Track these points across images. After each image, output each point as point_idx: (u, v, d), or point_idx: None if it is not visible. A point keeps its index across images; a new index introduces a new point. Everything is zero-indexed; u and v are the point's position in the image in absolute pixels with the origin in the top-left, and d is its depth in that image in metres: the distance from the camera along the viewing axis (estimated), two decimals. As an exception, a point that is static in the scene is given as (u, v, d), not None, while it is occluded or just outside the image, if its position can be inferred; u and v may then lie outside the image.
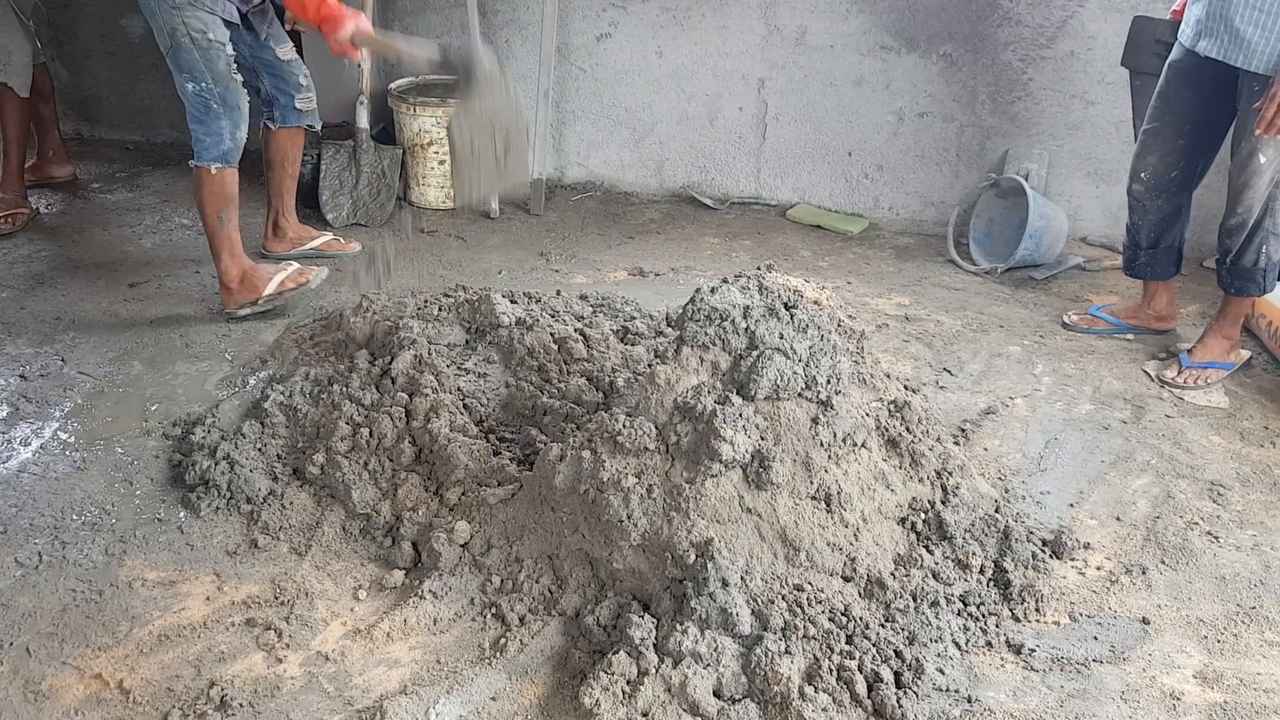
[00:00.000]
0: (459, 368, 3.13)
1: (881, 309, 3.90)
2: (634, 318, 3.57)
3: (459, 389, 2.99)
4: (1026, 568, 2.45)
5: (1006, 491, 2.79)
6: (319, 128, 3.98)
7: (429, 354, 3.08)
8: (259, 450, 2.80)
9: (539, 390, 3.01)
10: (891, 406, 2.64)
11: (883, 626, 2.20)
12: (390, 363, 3.04)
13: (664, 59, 4.84)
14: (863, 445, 2.45)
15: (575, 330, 3.33)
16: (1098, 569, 2.52)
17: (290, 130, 3.91)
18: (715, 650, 2.08)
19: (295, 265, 3.68)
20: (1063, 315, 3.82)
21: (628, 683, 2.05)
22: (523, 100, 3.04)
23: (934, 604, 2.28)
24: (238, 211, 3.59)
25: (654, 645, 2.11)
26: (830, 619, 2.19)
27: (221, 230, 3.55)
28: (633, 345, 3.32)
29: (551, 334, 3.26)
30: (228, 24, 3.39)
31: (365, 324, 3.28)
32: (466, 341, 3.33)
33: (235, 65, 3.40)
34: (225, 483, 2.68)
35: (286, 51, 3.72)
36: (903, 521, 2.47)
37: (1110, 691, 2.15)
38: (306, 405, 2.92)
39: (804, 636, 2.13)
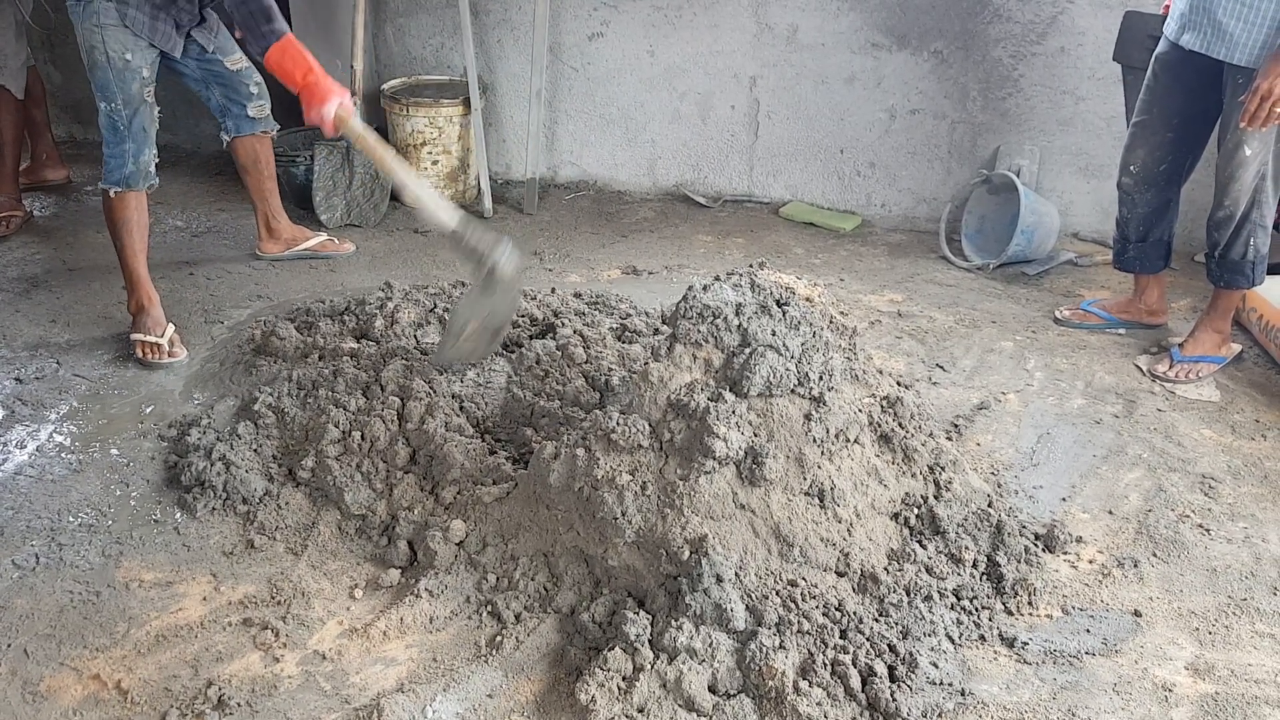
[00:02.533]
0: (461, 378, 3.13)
1: (874, 305, 3.91)
2: (629, 315, 3.58)
3: (453, 394, 2.99)
4: (1019, 562, 2.46)
5: (999, 486, 2.80)
6: (274, 133, 3.91)
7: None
8: (254, 451, 2.80)
9: (537, 394, 3.01)
10: (884, 402, 2.66)
11: (876, 621, 2.21)
12: (380, 371, 3.06)
13: (656, 58, 4.85)
14: (855, 441, 2.46)
15: (574, 331, 3.34)
16: (1090, 562, 2.53)
17: (250, 137, 3.86)
18: (710, 646, 2.10)
19: (170, 327, 3.47)
20: (1055, 310, 3.84)
21: (623, 679, 2.06)
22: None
23: (927, 598, 2.29)
24: (145, 239, 3.50)
25: (649, 641, 2.13)
26: (824, 614, 2.20)
27: (124, 253, 3.47)
28: (630, 344, 3.33)
29: (555, 340, 3.28)
30: (161, 50, 3.34)
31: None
32: None
33: (151, 90, 3.33)
34: (221, 484, 2.69)
35: (235, 61, 3.64)
36: (896, 517, 2.48)
37: (1102, 683, 2.16)
38: (294, 408, 2.92)
39: (798, 631, 2.14)
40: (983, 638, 2.28)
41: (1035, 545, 2.54)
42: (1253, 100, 2.96)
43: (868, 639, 2.16)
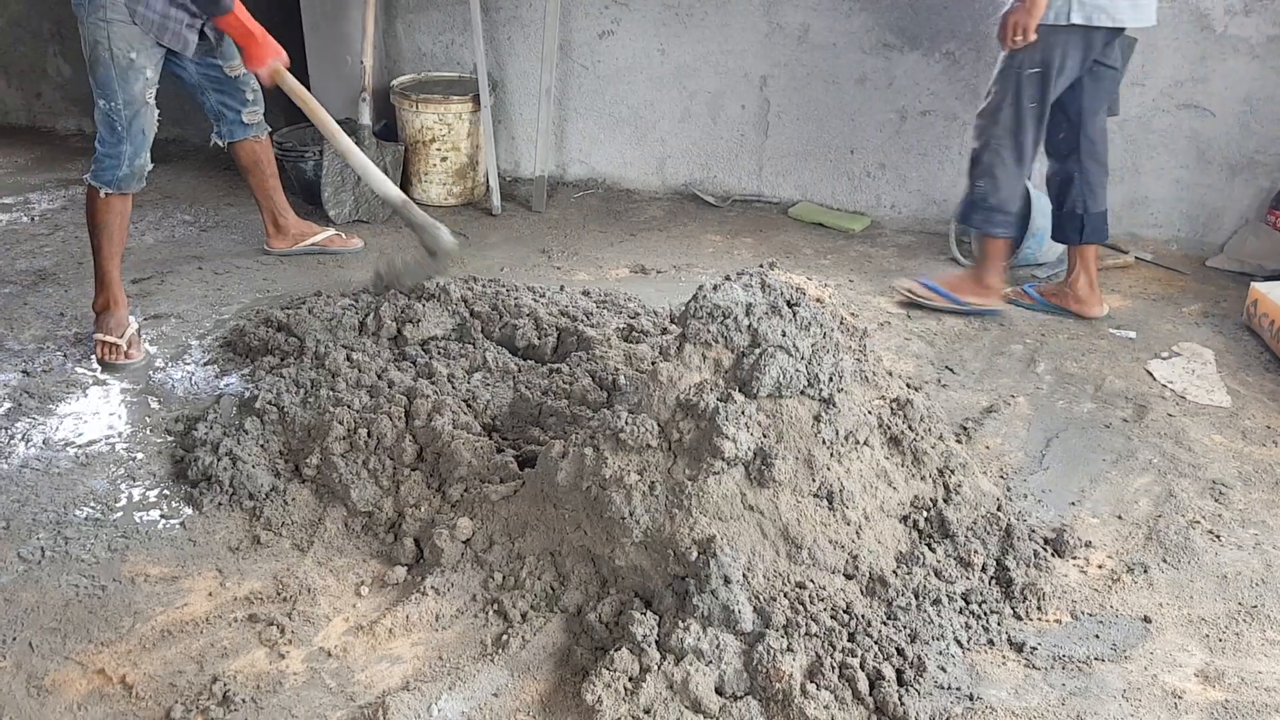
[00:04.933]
0: (468, 373, 3.12)
1: (884, 307, 3.90)
2: (638, 314, 3.57)
3: (459, 389, 2.99)
4: (1028, 566, 2.45)
5: (1008, 490, 2.79)
6: (264, 137, 3.89)
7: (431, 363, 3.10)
8: (261, 446, 2.80)
9: (545, 393, 3.01)
10: (894, 404, 2.65)
11: (884, 624, 2.20)
12: (383, 369, 3.06)
13: (666, 56, 4.84)
14: (865, 443, 2.45)
15: (578, 329, 3.34)
16: (1099, 567, 2.52)
17: (246, 141, 3.84)
18: (717, 647, 2.09)
19: (130, 329, 3.44)
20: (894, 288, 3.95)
21: (630, 679, 2.06)
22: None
23: (936, 602, 2.28)
24: (123, 242, 3.46)
25: (656, 642, 2.12)
26: (832, 616, 2.19)
27: (100, 254, 3.43)
28: (637, 343, 3.32)
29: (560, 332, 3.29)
30: (168, 49, 3.32)
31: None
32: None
33: (153, 91, 3.30)
34: (228, 479, 2.68)
35: (234, 67, 3.62)
36: (905, 519, 2.47)
37: (1112, 690, 2.15)
38: (295, 407, 2.91)
39: (806, 634, 2.13)
40: (991, 642, 2.26)
41: (1044, 550, 2.52)
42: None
43: (876, 642, 2.14)
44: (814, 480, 2.33)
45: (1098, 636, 2.30)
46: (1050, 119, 3.53)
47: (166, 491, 2.74)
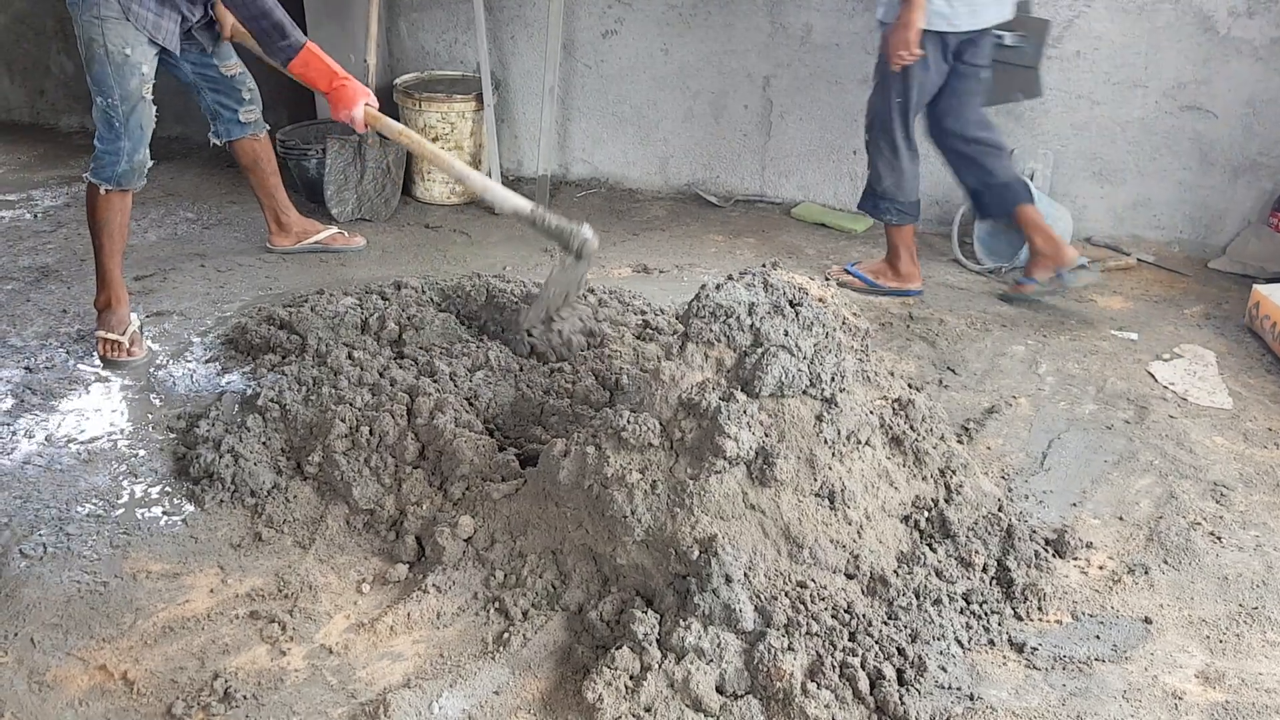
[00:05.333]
0: (470, 371, 3.12)
1: (886, 307, 3.90)
2: (644, 313, 3.57)
3: (461, 387, 2.99)
4: (1029, 566, 2.45)
5: (1009, 490, 2.79)
6: (264, 134, 3.89)
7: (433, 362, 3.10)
8: (263, 444, 2.80)
9: (547, 392, 3.01)
10: (895, 404, 2.65)
11: (885, 624, 2.20)
12: (385, 367, 3.06)
13: (669, 56, 4.84)
14: (866, 443, 2.45)
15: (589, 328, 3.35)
16: (1100, 568, 2.52)
17: (244, 140, 3.84)
18: (718, 646, 2.09)
19: (132, 326, 3.44)
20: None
21: (631, 678, 2.06)
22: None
23: (937, 602, 2.28)
24: (124, 239, 3.46)
25: (657, 641, 2.12)
26: (833, 616, 2.19)
27: (101, 251, 3.42)
28: (648, 341, 3.32)
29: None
30: (161, 46, 3.30)
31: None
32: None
33: (150, 87, 3.28)
34: (230, 476, 2.68)
35: (231, 67, 3.62)
36: (906, 519, 2.47)
37: (1112, 690, 2.15)
38: (297, 404, 2.91)
39: (807, 633, 2.13)
40: (992, 642, 2.26)
41: (1045, 550, 2.52)
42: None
43: (876, 642, 2.15)
44: (815, 480, 2.33)
45: (1098, 637, 2.30)
46: (928, 114, 3.84)
47: (168, 488, 2.75)
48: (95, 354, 3.39)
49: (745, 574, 2.20)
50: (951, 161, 3.92)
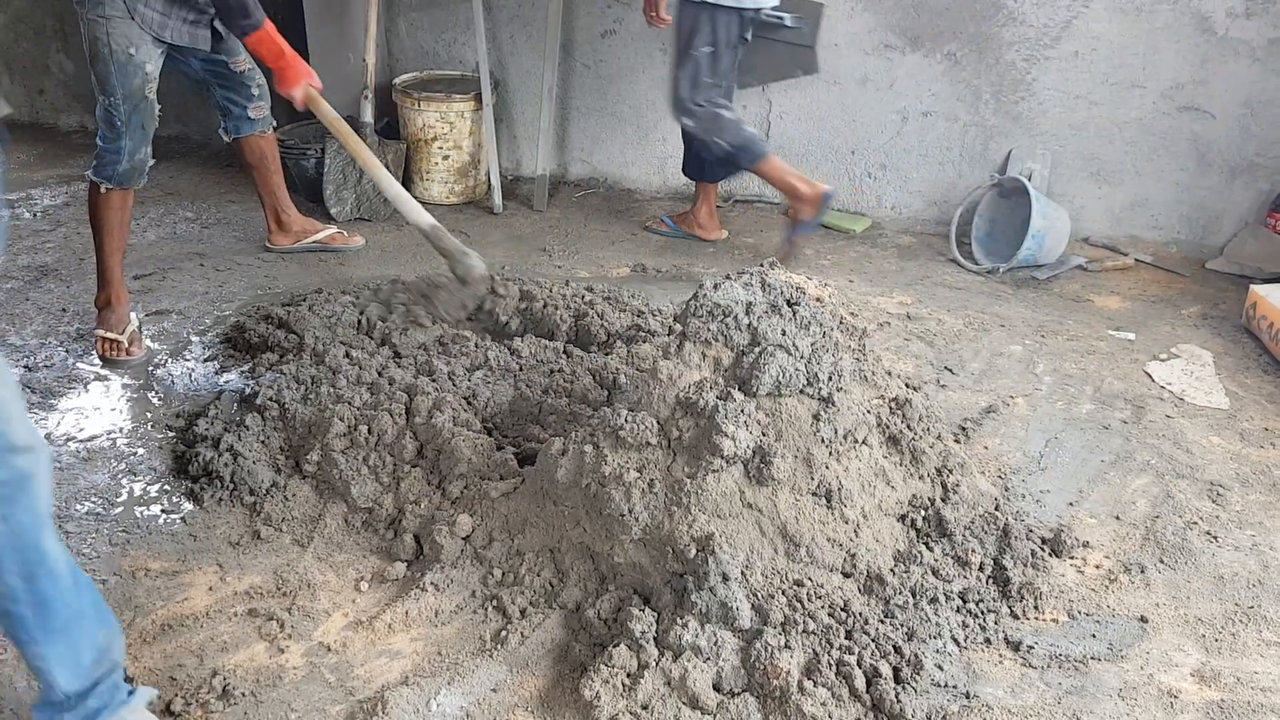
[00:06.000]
0: (469, 370, 3.12)
1: (883, 307, 3.90)
2: (642, 313, 3.57)
3: (459, 386, 3.00)
4: (1026, 565, 2.45)
5: (1006, 490, 2.80)
6: (270, 132, 3.89)
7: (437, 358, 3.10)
8: (262, 442, 2.81)
9: (545, 391, 3.02)
10: (893, 404, 2.65)
11: (882, 622, 2.21)
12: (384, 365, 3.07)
13: (668, 56, 4.84)
14: (864, 442, 2.45)
15: (580, 325, 3.35)
16: (1097, 567, 2.53)
17: (252, 136, 3.84)
18: (715, 644, 2.09)
19: (131, 326, 3.46)
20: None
21: (628, 675, 2.06)
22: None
23: (933, 600, 2.29)
24: (124, 239, 3.46)
25: (654, 639, 2.13)
26: (830, 614, 2.20)
27: (102, 250, 3.42)
28: (643, 342, 3.33)
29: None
30: (169, 44, 3.30)
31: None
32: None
33: (153, 86, 3.28)
34: (228, 474, 2.69)
35: (240, 63, 3.62)
36: (903, 518, 2.48)
37: (1108, 689, 2.16)
38: (296, 403, 2.91)
39: (804, 631, 2.14)
40: (988, 641, 2.27)
41: (1042, 549, 2.53)
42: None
43: (873, 640, 2.15)
44: (813, 479, 2.34)
45: (1094, 636, 2.30)
46: (680, 82, 4.03)
47: (167, 487, 2.75)
48: (94, 353, 3.40)
49: (742, 572, 2.20)
50: (707, 131, 4.05)
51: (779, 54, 4.35)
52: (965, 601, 2.34)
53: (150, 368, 3.35)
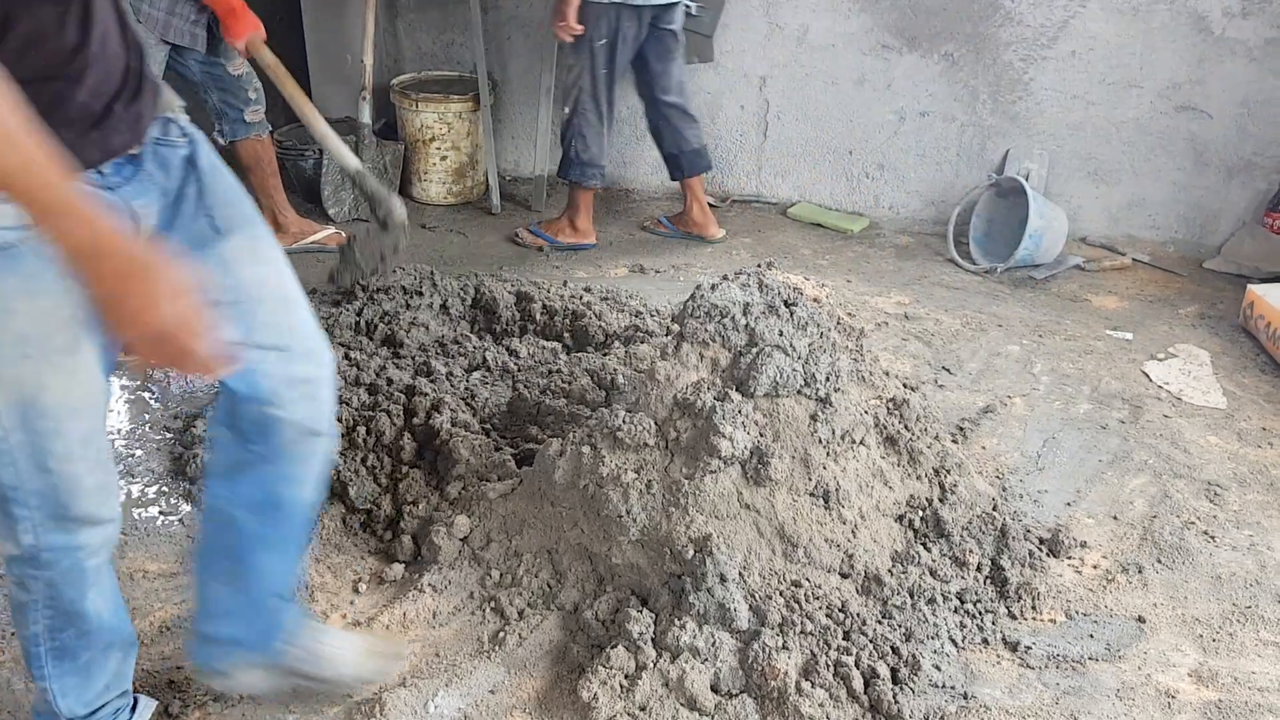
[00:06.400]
0: (468, 371, 3.12)
1: (881, 307, 3.90)
2: (640, 313, 3.57)
3: (458, 387, 3.00)
4: (1023, 566, 2.46)
5: (1004, 490, 2.80)
6: (266, 135, 3.91)
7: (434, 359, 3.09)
8: (260, 444, 2.80)
9: (544, 392, 3.02)
10: (890, 404, 2.66)
11: (880, 623, 2.21)
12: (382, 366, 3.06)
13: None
14: (861, 442, 2.46)
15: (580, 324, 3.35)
16: (1094, 568, 2.53)
17: (247, 140, 3.85)
18: (713, 645, 2.10)
19: None
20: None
21: (626, 677, 2.06)
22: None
23: (931, 601, 2.29)
24: None
25: (652, 640, 2.13)
26: (827, 615, 2.20)
27: None
28: (641, 343, 3.33)
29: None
30: (174, 45, 3.32)
31: None
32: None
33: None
34: (226, 476, 2.68)
35: (237, 66, 3.64)
36: (900, 519, 2.48)
37: (1106, 689, 2.16)
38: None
39: (801, 632, 2.14)
40: (986, 641, 2.27)
41: (1039, 549, 2.53)
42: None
43: (871, 641, 2.15)
44: (810, 479, 2.34)
45: (1092, 636, 2.31)
46: (636, 79, 4.20)
47: (165, 489, 2.75)
48: None
49: (740, 573, 2.21)
50: (657, 126, 4.27)
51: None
52: (963, 602, 2.34)
53: (148, 369, 3.35)
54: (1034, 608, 2.37)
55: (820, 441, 2.37)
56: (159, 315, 1.24)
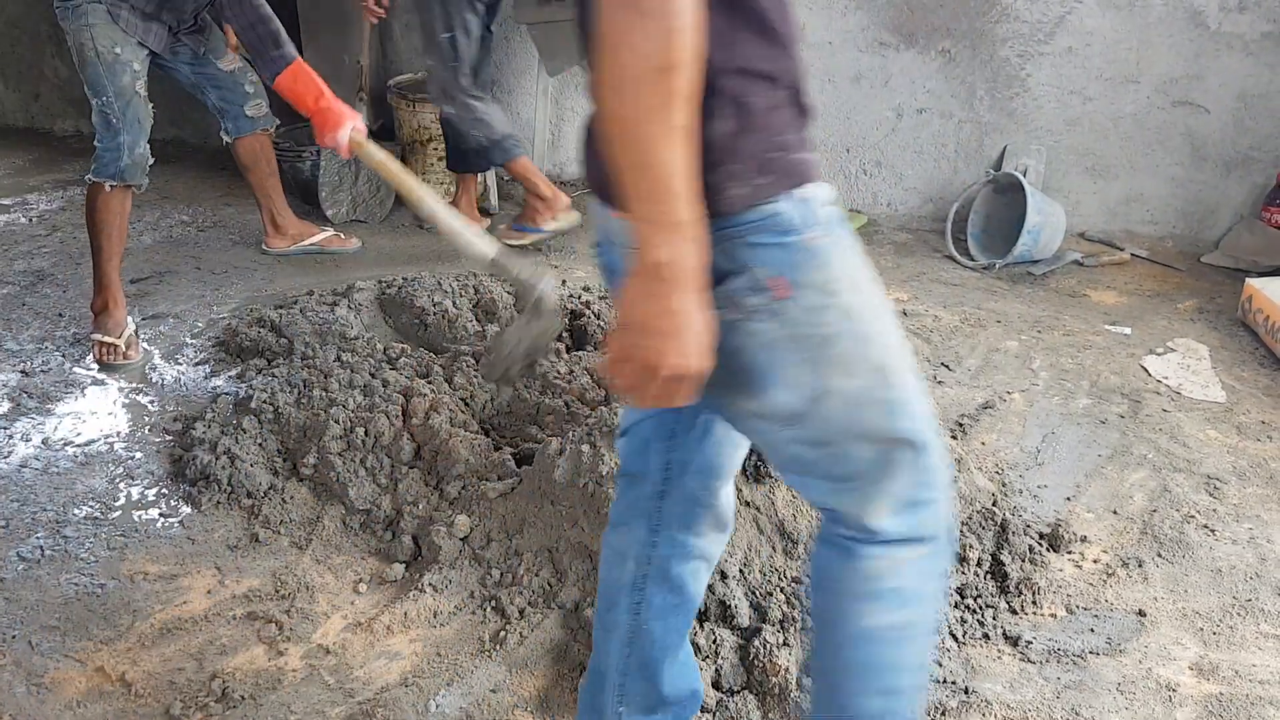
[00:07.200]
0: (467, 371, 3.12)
1: (880, 304, 3.90)
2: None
3: (456, 387, 3.00)
4: (1023, 561, 2.46)
5: (1004, 485, 2.80)
6: (273, 129, 3.91)
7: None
8: (259, 445, 2.81)
9: (543, 391, 3.01)
10: (889, 401, 2.65)
11: (880, 619, 2.21)
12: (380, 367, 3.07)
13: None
14: (860, 439, 2.45)
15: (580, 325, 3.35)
16: (1094, 562, 2.53)
17: (250, 136, 3.84)
18: (714, 642, 2.10)
19: (128, 330, 3.44)
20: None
21: (627, 675, 2.06)
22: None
23: (931, 596, 2.29)
24: (122, 242, 3.45)
25: (653, 637, 2.12)
26: (828, 611, 2.19)
27: (100, 254, 3.41)
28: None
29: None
30: (152, 50, 3.32)
31: None
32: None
33: (143, 83, 3.31)
34: (226, 477, 2.69)
35: (228, 63, 3.62)
36: (900, 515, 2.48)
37: (1107, 683, 2.16)
38: (290, 407, 2.91)
39: (802, 628, 2.14)
40: (986, 636, 2.27)
41: (1039, 544, 2.53)
42: None
43: (871, 637, 2.15)
44: (810, 476, 2.34)
45: (1092, 630, 2.31)
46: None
47: (165, 490, 2.75)
48: (91, 357, 3.40)
49: (740, 570, 2.21)
50: (464, 121, 4.10)
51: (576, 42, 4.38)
52: (963, 597, 2.34)
53: (147, 371, 3.35)
54: (1034, 602, 2.37)
55: (819, 438, 2.37)
56: (681, 364, 1.20)
